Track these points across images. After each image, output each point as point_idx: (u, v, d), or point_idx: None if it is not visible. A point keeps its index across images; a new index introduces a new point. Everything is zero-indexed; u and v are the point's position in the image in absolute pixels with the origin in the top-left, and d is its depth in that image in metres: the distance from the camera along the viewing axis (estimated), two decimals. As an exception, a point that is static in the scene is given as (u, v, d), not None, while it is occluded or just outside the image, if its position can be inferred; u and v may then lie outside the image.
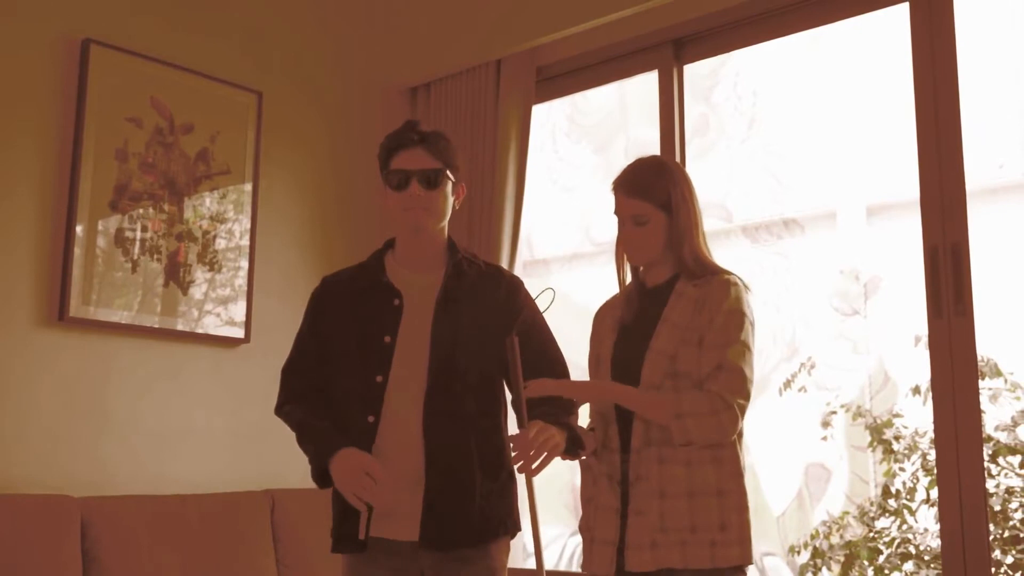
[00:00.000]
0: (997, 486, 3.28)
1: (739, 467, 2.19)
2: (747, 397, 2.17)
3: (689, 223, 2.29)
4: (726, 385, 2.15)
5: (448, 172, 2.41)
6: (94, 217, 3.40)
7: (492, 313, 2.40)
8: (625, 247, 2.36)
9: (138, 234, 3.53)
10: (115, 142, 3.46)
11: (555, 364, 2.45)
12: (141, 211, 3.53)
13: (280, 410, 2.50)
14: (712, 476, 2.16)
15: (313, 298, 2.53)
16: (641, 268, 2.39)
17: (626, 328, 2.33)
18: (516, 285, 2.51)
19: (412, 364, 2.33)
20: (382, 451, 2.32)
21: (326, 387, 2.44)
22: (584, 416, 2.40)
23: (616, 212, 2.34)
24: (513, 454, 2.18)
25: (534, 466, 2.17)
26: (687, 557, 2.11)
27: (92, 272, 3.38)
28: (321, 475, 2.33)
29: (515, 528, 2.46)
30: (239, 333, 3.73)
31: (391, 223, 2.48)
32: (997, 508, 3.25)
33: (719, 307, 2.20)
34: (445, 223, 2.47)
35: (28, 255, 3.25)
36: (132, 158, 3.50)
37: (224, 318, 3.71)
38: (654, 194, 2.28)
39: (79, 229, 3.35)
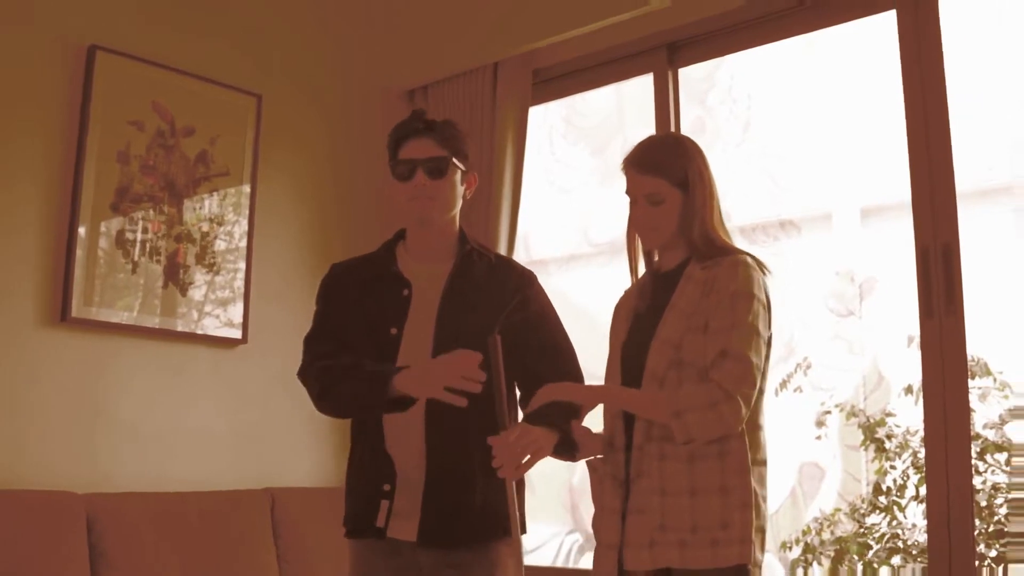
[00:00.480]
0: (984, 482, 3.36)
1: (745, 462, 2.10)
2: (752, 386, 2.08)
3: (704, 201, 2.21)
4: (728, 373, 2.06)
5: (455, 161, 2.37)
6: (96, 219, 3.46)
7: (499, 307, 2.34)
8: (638, 229, 2.28)
9: (138, 235, 3.58)
10: (117, 145, 3.53)
11: (564, 358, 2.43)
12: (142, 213, 3.58)
13: (308, 369, 2.40)
14: (716, 472, 2.09)
15: (322, 285, 2.50)
16: (655, 253, 2.32)
17: (638, 317, 2.27)
18: (527, 279, 2.47)
19: (417, 357, 2.29)
20: (387, 446, 2.34)
21: None
22: (595, 418, 2.35)
23: (628, 192, 2.26)
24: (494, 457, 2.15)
25: (514, 469, 2.15)
26: (686, 557, 2.06)
27: (94, 273, 3.44)
28: (388, 402, 2.23)
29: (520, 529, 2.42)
30: (237, 334, 3.79)
31: (398, 215, 2.45)
32: (983, 504, 3.34)
33: (726, 289, 2.12)
34: (455, 213, 2.43)
35: (32, 256, 3.33)
36: (134, 160, 3.57)
37: (223, 319, 3.77)
38: (670, 171, 2.21)
39: (82, 231, 3.41)
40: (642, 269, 2.35)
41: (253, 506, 3.54)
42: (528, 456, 2.17)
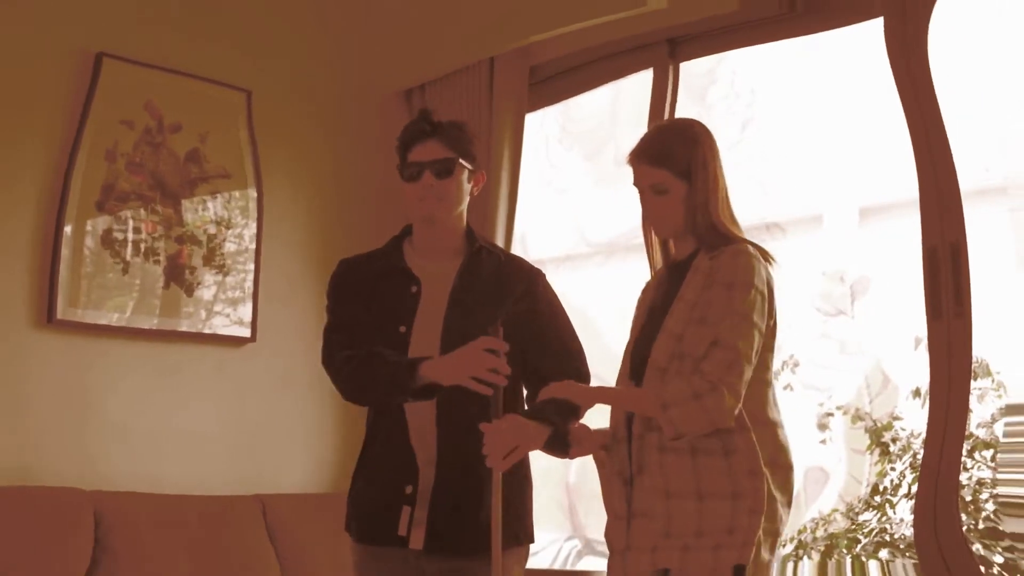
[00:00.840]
0: (970, 478, 3.48)
1: (755, 462, 2.11)
2: (738, 375, 2.10)
3: (707, 190, 2.24)
4: (715, 363, 2.10)
5: (462, 161, 2.46)
6: (82, 218, 3.56)
7: (508, 305, 2.40)
8: (648, 220, 2.34)
9: (129, 235, 3.67)
10: (106, 143, 3.62)
11: (570, 357, 2.49)
12: (131, 212, 3.67)
13: (332, 358, 2.47)
14: (723, 473, 2.11)
15: (331, 282, 2.58)
16: (671, 244, 2.37)
17: (652, 310, 2.32)
18: (534, 276, 2.55)
19: (425, 354, 2.34)
20: (410, 438, 2.40)
21: None
22: (601, 414, 2.40)
23: (635, 183, 2.31)
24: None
25: (501, 459, 2.22)
26: (687, 561, 2.10)
27: (80, 274, 3.54)
28: (414, 390, 2.29)
29: (527, 538, 2.48)
30: (246, 332, 3.91)
31: (408, 214, 2.56)
32: (968, 498, 3.46)
33: (724, 279, 2.16)
34: (462, 210, 2.51)
35: (24, 256, 3.46)
36: (120, 158, 3.65)
37: (233, 318, 3.88)
38: (673, 160, 2.24)
39: (68, 229, 3.50)
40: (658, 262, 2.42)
41: (246, 511, 3.67)
42: (517, 446, 2.26)
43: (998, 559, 3.41)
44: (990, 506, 3.43)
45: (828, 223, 4.50)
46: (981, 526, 3.42)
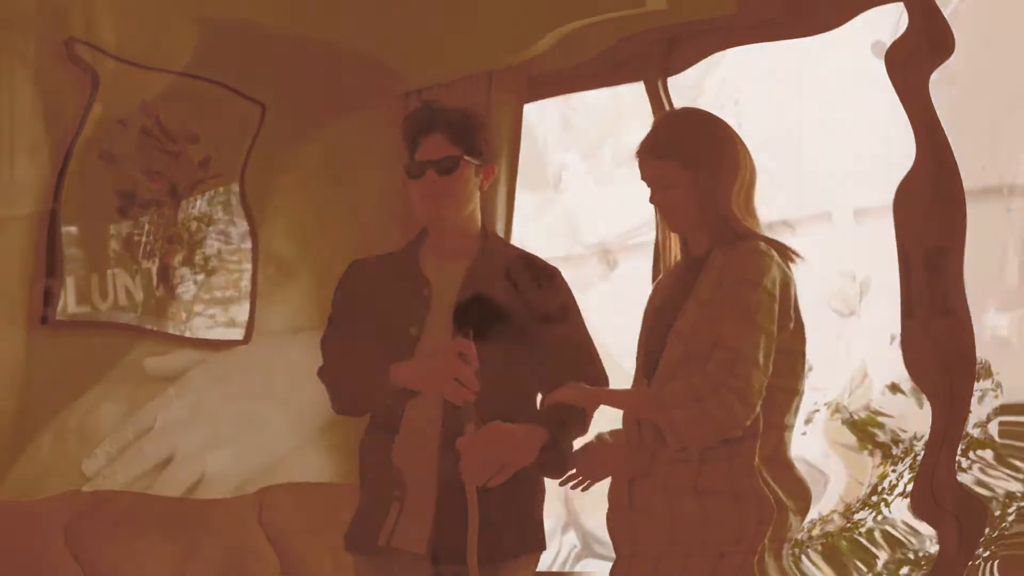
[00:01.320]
0: (975, 480, 3.56)
1: (752, 464, 2.09)
2: (744, 379, 2.05)
3: (716, 179, 2.19)
4: (718, 366, 2.06)
5: (468, 157, 2.42)
6: (81, 219, 3.63)
7: (511, 306, 2.39)
8: (659, 215, 2.32)
9: (143, 238, 3.74)
10: (103, 144, 3.68)
11: (582, 361, 2.46)
12: (149, 216, 3.75)
13: (324, 369, 2.49)
14: (723, 473, 2.10)
15: (340, 284, 2.58)
16: (687, 238, 2.32)
17: (661, 308, 2.29)
18: (549, 275, 2.53)
19: None
20: (403, 448, 2.40)
21: None
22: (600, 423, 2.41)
23: (642, 178, 2.29)
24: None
25: (486, 478, 2.19)
26: (688, 568, 2.10)
27: (80, 274, 3.61)
28: (395, 392, 2.30)
29: (539, 545, 2.47)
30: (238, 335, 3.96)
31: (417, 217, 2.55)
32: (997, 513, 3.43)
33: (732, 277, 2.12)
34: (472, 209, 2.49)
35: (16, 256, 3.54)
36: (118, 159, 3.72)
37: (222, 319, 3.92)
38: (677, 149, 2.21)
39: (73, 230, 3.58)
40: (674, 257, 2.39)
41: (251, 508, 3.76)
42: (504, 462, 2.21)
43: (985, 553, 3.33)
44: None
45: (834, 223, 4.56)
46: (995, 534, 3.31)
